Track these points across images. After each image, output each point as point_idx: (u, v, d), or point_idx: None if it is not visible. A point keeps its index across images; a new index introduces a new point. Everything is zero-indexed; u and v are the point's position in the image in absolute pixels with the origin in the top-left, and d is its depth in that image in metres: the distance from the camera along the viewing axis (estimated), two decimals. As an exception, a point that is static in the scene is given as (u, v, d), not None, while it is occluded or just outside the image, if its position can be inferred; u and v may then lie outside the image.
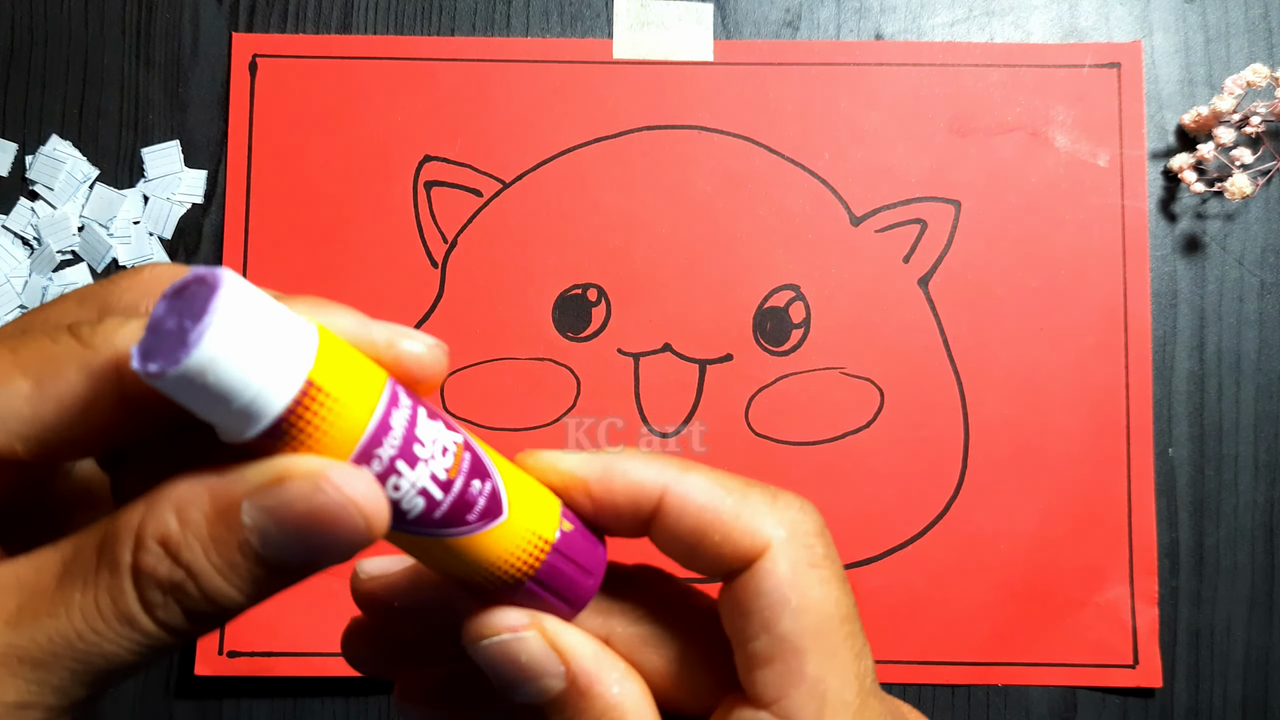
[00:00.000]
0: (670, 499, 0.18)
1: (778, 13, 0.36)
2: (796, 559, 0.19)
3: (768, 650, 0.19)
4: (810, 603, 0.19)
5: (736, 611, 0.19)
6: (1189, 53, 0.36)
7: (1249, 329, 0.35)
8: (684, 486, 0.18)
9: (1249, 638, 0.35)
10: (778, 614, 0.19)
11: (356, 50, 0.36)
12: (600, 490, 0.19)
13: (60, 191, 0.35)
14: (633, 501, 0.18)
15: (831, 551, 0.19)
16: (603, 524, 0.19)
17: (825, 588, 0.19)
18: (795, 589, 0.19)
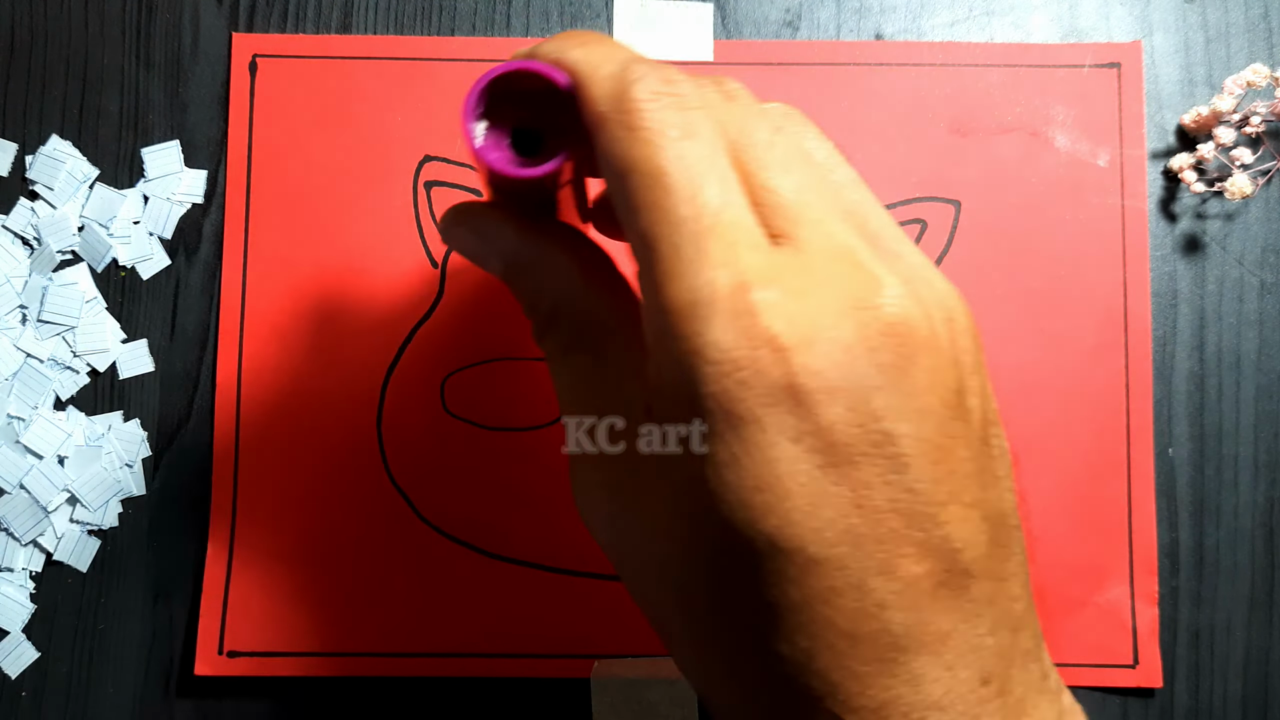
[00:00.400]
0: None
1: (778, 13, 0.36)
2: (614, 125, 0.20)
3: (621, 217, 0.21)
4: (631, 164, 0.20)
5: None
6: (1189, 53, 0.36)
7: (1249, 329, 0.35)
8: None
9: (1249, 638, 0.35)
10: (610, 180, 0.21)
11: (356, 50, 0.36)
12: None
13: (60, 191, 0.35)
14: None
15: (666, 107, 0.20)
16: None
17: (646, 149, 0.20)
18: (617, 155, 0.20)
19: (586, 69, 0.21)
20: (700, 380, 0.19)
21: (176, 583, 0.35)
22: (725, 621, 0.20)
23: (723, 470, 0.19)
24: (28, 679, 0.34)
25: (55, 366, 0.35)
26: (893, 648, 0.19)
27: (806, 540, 0.19)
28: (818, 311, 0.19)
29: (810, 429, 0.19)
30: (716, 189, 0.20)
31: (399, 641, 0.34)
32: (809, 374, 0.18)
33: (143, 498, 0.35)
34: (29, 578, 0.35)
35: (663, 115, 0.20)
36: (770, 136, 0.21)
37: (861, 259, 0.20)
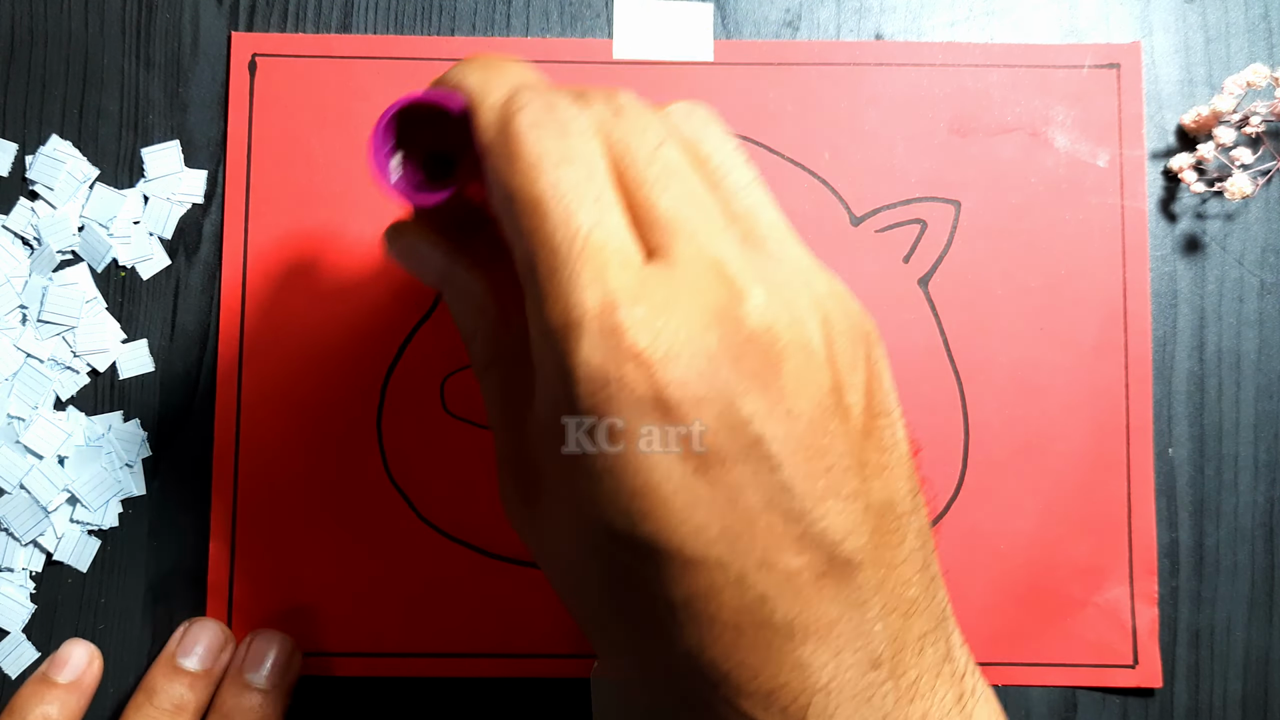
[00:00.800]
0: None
1: (778, 13, 0.36)
2: (497, 155, 0.22)
3: (508, 242, 0.22)
4: (512, 192, 0.21)
5: None
6: (1189, 53, 0.36)
7: (1249, 329, 0.35)
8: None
9: (1249, 638, 0.35)
10: (496, 207, 0.22)
11: (356, 50, 0.36)
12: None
13: (60, 191, 0.35)
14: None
15: (544, 136, 0.21)
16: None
17: (524, 178, 0.21)
18: (499, 183, 0.22)
19: (477, 97, 0.22)
20: (576, 398, 0.20)
21: (176, 583, 0.35)
22: (625, 619, 0.21)
23: (604, 478, 0.20)
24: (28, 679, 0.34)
25: (55, 366, 0.35)
26: (777, 636, 0.20)
27: (684, 542, 0.20)
28: (682, 324, 0.20)
29: (680, 436, 0.20)
30: (590, 213, 0.20)
31: (399, 641, 0.34)
32: (675, 385, 0.19)
33: (143, 498, 0.35)
34: (29, 578, 0.35)
35: (541, 144, 0.21)
36: (652, 152, 0.22)
37: (730, 270, 0.20)
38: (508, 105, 0.22)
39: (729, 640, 0.20)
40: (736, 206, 0.22)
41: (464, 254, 0.25)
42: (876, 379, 0.22)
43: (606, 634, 0.23)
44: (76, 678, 0.33)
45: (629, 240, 0.21)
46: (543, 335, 0.21)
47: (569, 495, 0.21)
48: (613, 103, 0.23)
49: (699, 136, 0.23)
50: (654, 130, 0.22)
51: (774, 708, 0.20)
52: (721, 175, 0.23)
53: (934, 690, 0.21)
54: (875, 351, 0.23)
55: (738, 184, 0.23)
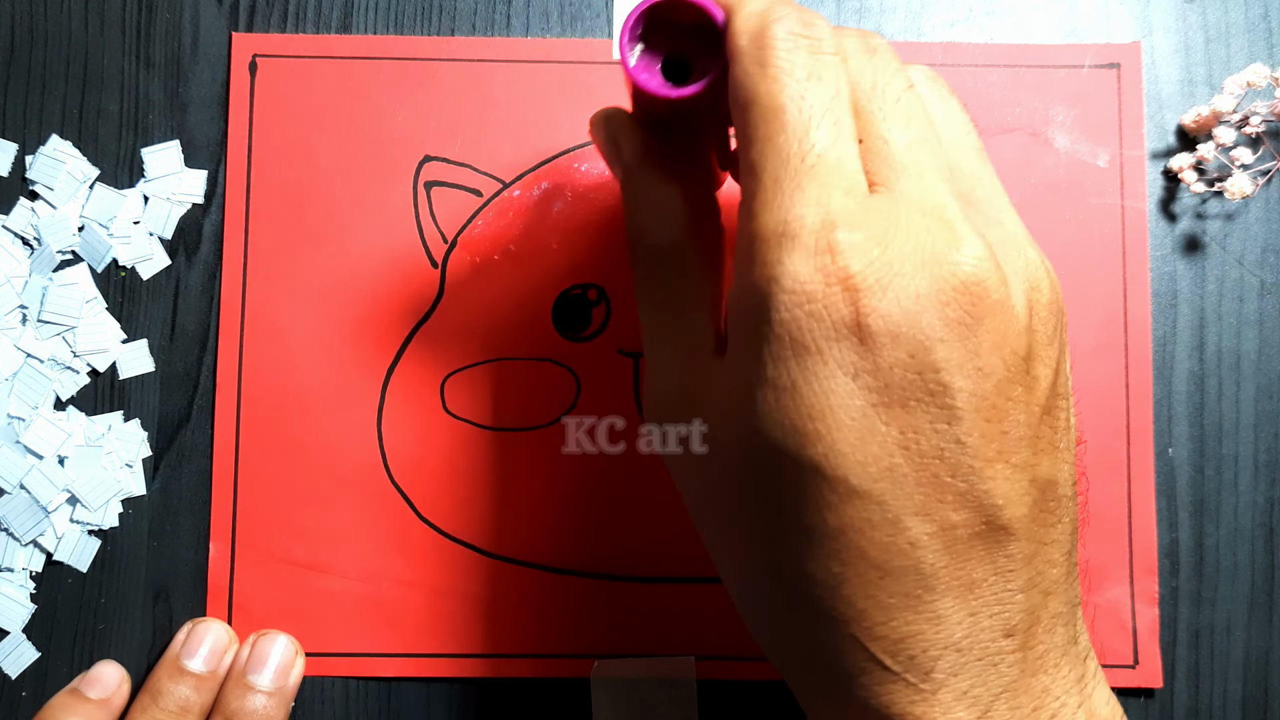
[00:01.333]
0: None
1: (778, 13, 0.36)
2: (748, 59, 0.22)
3: (738, 145, 0.22)
4: (754, 97, 0.21)
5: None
6: (1189, 53, 0.36)
7: (1249, 329, 0.35)
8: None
9: (1249, 638, 0.35)
10: (734, 110, 0.22)
11: (356, 50, 0.36)
12: None
13: (60, 191, 0.35)
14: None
15: (798, 48, 0.22)
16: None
17: (771, 85, 0.21)
18: (744, 87, 0.22)
19: (735, 3, 0.23)
20: (773, 306, 0.20)
21: (176, 583, 0.35)
22: (764, 540, 0.21)
23: (780, 394, 0.20)
24: (28, 679, 0.34)
25: (55, 366, 0.35)
26: (920, 585, 0.20)
27: (850, 471, 0.20)
28: (896, 259, 0.20)
29: (869, 367, 0.20)
30: (827, 132, 0.21)
31: (399, 642, 0.34)
32: (876, 315, 0.20)
33: (143, 498, 0.35)
34: (29, 578, 0.35)
35: (793, 56, 0.21)
36: (899, 93, 0.22)
37: (951, 217, 0.21)
38: (766, 13, 0.22)
39: (871, 578, 0.20)
40: (962, 166, 0.23)
41: (660, 155, 0.26)
42: (1065, 358, 0.22)
43: (738, 553, 0.23)
44: (107, 696, 0.33)
45: (857, 168, 0.21)
46: (754, 241, 0.21)
47: (735, 406, 0.21)
48: (867, 42, 0.23)
49: (937, 98, 0.24)
50: (902, 78, 0.23)
51: (901, 655, 0.20)
52: (951, 135, 0.23)
53: (1058, 667, 0.21)
54: (1065, 335, 0.23)
55: (966, 147, 0.23)
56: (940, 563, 0.20)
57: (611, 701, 0.34)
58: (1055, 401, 0.22)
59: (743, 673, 0.34)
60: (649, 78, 0.24)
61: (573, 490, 0.34)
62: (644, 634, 0.34)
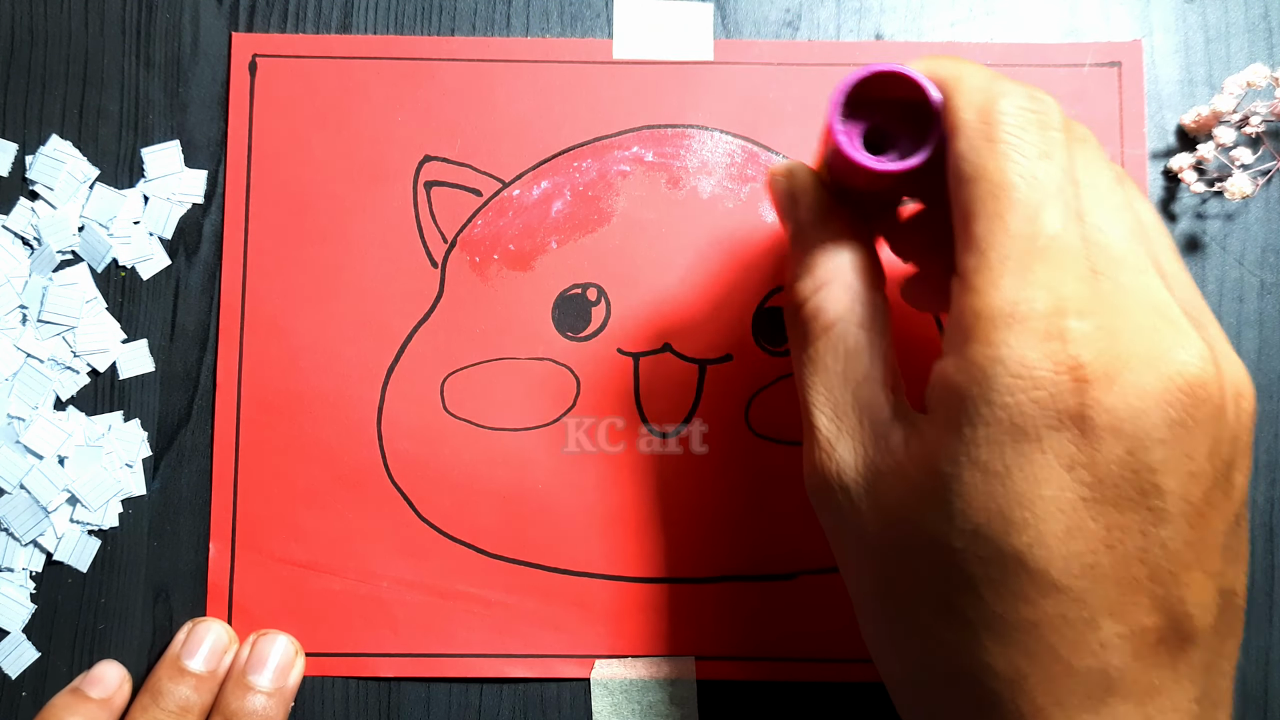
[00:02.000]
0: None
1: (778, 13, 0.36)
2: (973, 133, 0.21)
3: (956, 220, 0.22)
4: (981, 172, 0.21)
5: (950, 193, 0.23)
6: (1189, 52, 0.36)
7: (1249, 329, 0.35)
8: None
9: (1249, 637, 0.34)
10: (955, 184, 0.22)
11: (356, 50, 0.36)
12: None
13: (60, 191, 0.35)
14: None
15: (1027, 125, 0.21)
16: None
17: (1001, 161, 0.21)
18: (969, 161, 0.21)
19: (956, 78, 0.22)
20: (996, 389, 0.20)
21: (176, 583, 0.35)
22: (945, 626, 0.21)
23: (990, 479, 0.20)
24: (28, 679, 0.34)
25: (55, 366, 0.35)
26: (1103, 688, 0.20)
27: (1053, 564, 0.19)
28: (1126, 352, 0.19)
29: (1086, 461, 0.19)
30: (1058, 213, 0.20)
31: (399, 642, 0.34)
32: (1102, 409, 0.19)
33: (143, 498, 0.35)
34: (29, 578, 0.35)
35: (1023, 133, 0.21)
36: (1112, 183, 0.22)
37: (1175, 315, 0.20)
38: (991, 88, 0.22)
39: (1056, 674, 0.20)
40: (1164, 265, 0.23)
41: (839, 218, 0.26)
42: (1250, 469, 0.22)
43: (910, 636, 0.22)
44: (108, 696, 0.33)
45: (1084, 254, 0.20)
46: (977, 318, 0.20)
47: (933, 484, 0.21)
48: (1074, 130, 0.23)
49: (1136, 196, 0.24)
50: (1112, 168, 0.22)
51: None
52: (1154, 233, 0.23)
53: None
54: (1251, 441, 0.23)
55: (1165, 248, 0.23)
56: (1127, 666, 0.20)
57: (611, 701, 0.34)
58: (1243, 510, 0.22)
59: (743, 673, 0.34)
60: (857, 149, 0.24)
61: (573, 490, 0.34)
62: (644, 634, 0.34)
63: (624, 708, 0.34)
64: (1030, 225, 0.20)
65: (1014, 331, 0.20)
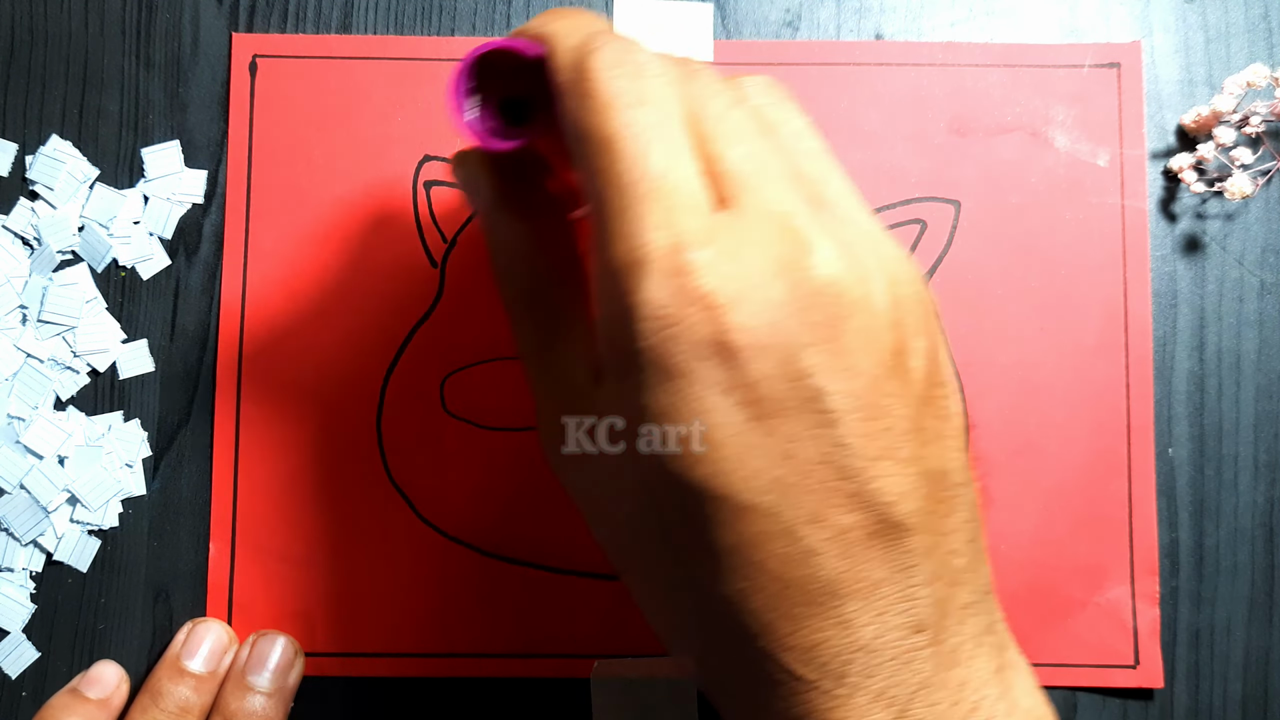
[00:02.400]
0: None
1: (778, 13, 0.36)
2: (572, 93, 0.22)
3: (580, 178, 0.22)
4: (584, 130, 0.22)
5: None
6: (1189, 52, 0.36)
7: (1249, 329, 0.35)
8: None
9: (1249, 638, 0.35)
10: (570, 145, 0.22)
11: (356, 50, 0.36)
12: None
13: (60, 191, 0.35)
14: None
15: (619, 76, 0.22)
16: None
17: (599, 115, 0.21)
18: (572, 121, 0.22)
19: (555, 39, 0.23)
20: (635, 335, 0.20)
21: (176, 583, 0.35)
22: (669, 564, 0.22)
23: (661, 421, 0.20)
24: (28, 679, 0.34)
25: (55, 366, 0.35)
26: (823, 592, 0.20)
27: (736, 488, 0.20)
28: (750, 271, 0.20)
29: (740, 383, 0.20)
30: (661, 154, 0.21)
31: (399, 642, 0.34)
32: (739, 330, 0.20)
33: (143, 498, 0.35)
34: (29, 578, 0.35)
35: (616, 83, 0.21)
36: (726, 108, 0.22)
37: (799, 224, 0.21)
38: (585, 44, 0.22)
39: (774, 591, 0.20)
40: (806, 170, 0.23)
41: (514, 196, 0.26)
42: (938, 346, 0.22)
43: (648, 579, 0.23)
44: (107, 696, 0.33)
45: (699, 186, 0.21)
46: (608, 273, 0.21)
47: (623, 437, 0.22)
48: (688, 66, 0.23)
49: (771, 105, 0.23)
50: (727, 93, 0.23)
51: (814, 663, 0.20)
52: (792, 142, 0.23)
53: (973, 659, 0.21)
54: (936, 323, 0.23)
55: (807, 150, 0.23)
56: (840, 567, 0.20)
57: (611, 701, 0.34)
58: (934, 391, 0.22)
59: (743, 673, 0.34)
60: (481, 126, 0.24)
61: (573, 490, 0.34)
62: (644, 634, 0.34)
63: (624, 708, 0.34)
64: (636, 171, 0.20)
65: (639, 277, 0.20)
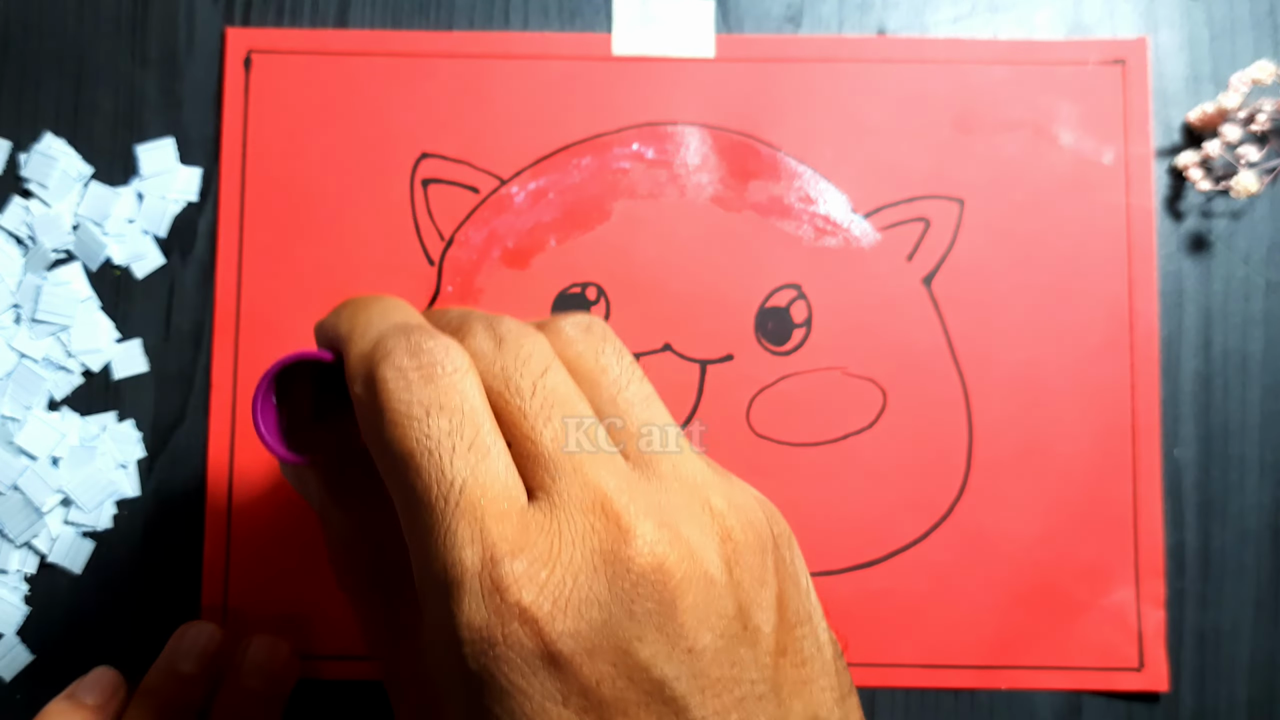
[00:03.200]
0: None
1: (779, 8, 0.36)
2: (365, 409, 0.21)
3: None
4: (382, 447, 0.21)
5: None
6: (1194, 49, 0.36)
7: (1255, 328, 0.35)
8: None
9: (1255, 640, 0.34)
10: (375, 459, 0.22)
11: (352, 46, 0.35)
12: None
13: (54, 189, 0.35)
14: None
15: (411, 384, 0.21)
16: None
17: (394, 431, 0.21)
18: (370, 438, 0.22)
19: (347, 346, 0.22)
20: (462, 658, 0.19)
21: (171, 585, 0.34)
22: None
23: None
24: (22, 682, 0.34)
25: (49, 366, 0.35)
26: None
27: None
28: (568, 574, 0.19)
29: (577, 690, 0.19)
30: (463, 462, 0.20)
31: (396, 644, 0.34)
32: (564, 638, 0.19)
33: (137, 499, 0.34)
34: (23, 580, 0.34)
35: (408, 393, 0.20)
36: (535, 381, 0.21)
37: (617, 506, 0.20)
38: (373, 353, 0.21)
39: None
40: (629, 424, 0.21)
41: (341, 489, 0.25)
42: (790, 586, 0.21)
43: None
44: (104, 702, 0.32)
45: (508, 484, 0.20)
46: (425, 594, 0.20)
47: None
48: (493, 332, 0.22)
49: (593, 351, 0.22)
50: (537, 358, 0.21)
51: None
52: (615, 392, 0.22)
53: None
54: (786, 554, 0.21)
55: (631, 399, 0.22)
56: None
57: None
58: (789, 635, 0.21)
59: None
60: (277, 443, 0.24)
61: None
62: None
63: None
64: (439, 486, 0.19)
65: (454, 599, 0.19)
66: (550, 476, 0.20)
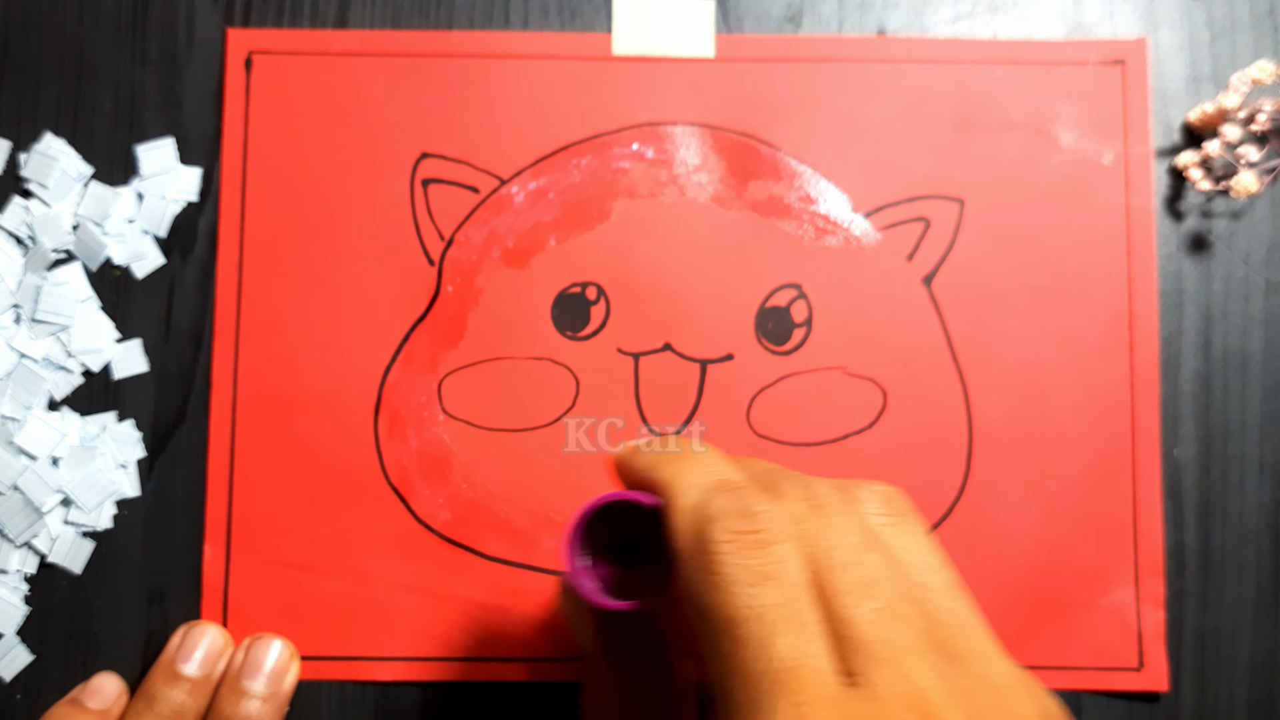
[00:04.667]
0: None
1: (779, 8, 0.36)
2: (691, 565, 0.21)
3: (702, 653, 0.21)
4: (704, 608, 0.20)
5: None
6: (1194, 49, 0.36)
7: (1255, 328, 0.35)
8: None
9: (1255, 640, 0.34)
10: (689, 615, 0.21)
11: (352, 46, 0.35)
12: None
13: (54, 189, 0.35)
14: None
15: (742, 549, 0.20)
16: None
17: (721, 595, 0.20)
18: (691, 596, 0.21)
19: (670, 494, 0.22)
20: None
21: (171, 585, 0.34)
22: None
23: None
24: (22, 682, 0.34)
25: (49, 366, 0.35)
26: None
27: None
28: None
29: None
30: (788, 639, 0.19)
31: (395, 645, 0.34)
32: None
33: (137, 499, 0.34)
34: (23, 580, 0.34)
35: (738, 560, 0.20)
36: (853, 556, 0.21)
37: (934, 706, 0.19)
38: (701, 509, 0.21)
39: None
40: (938, 616, 0.21)
41: (615, 648, 0.25)
42: None
43: None
44: (106, 707, 0.33)
45: (828, 666, 0.19)
46: None
47: None
48: (811, 497, 0.22)
49: (899, 531, 0.22)
50: (854, 530, 0.21)
51: None
52: (921, 579, 0.21)
53: None
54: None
55: (938, 588, 0.21)
56: None
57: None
58: None
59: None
60: (589, 587, 0.23)
61: (573, 491, 0.34)
62: (644, 636, 0.34)
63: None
64: (762, 663, 0.19)
65: None
66: (869, 664, 0.19)
